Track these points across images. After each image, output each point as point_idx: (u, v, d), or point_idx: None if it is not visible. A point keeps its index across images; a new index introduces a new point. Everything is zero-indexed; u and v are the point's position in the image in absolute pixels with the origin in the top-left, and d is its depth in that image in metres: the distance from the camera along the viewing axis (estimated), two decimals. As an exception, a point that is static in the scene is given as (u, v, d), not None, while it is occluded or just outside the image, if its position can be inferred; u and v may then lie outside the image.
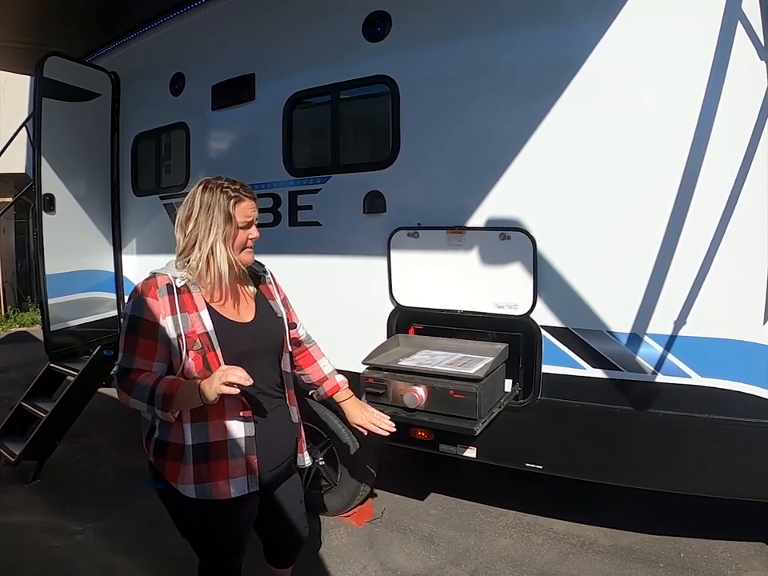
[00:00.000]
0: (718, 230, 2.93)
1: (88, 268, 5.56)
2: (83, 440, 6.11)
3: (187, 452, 2.27)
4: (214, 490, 2.29)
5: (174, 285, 2.28)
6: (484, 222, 3.48)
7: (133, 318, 2.25)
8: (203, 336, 2.27)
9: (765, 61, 2.82)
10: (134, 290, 2.32)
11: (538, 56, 3.31)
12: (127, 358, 2.23)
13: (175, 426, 2.28)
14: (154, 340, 2.24)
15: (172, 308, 2.25)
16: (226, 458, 2.31)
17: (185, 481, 2.28)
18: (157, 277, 2.31)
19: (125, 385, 2.21)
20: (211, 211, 2.30)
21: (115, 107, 5.70)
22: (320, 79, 4.04)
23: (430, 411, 3.21)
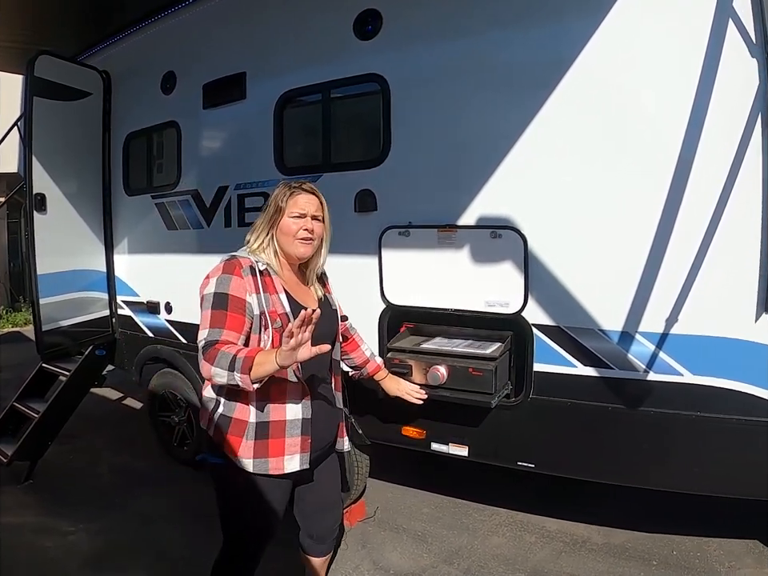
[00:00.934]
0: (710, 227, 2.93)
1: (79, 268, 5.53)
2: (76, 440, 6.09)
3: (250, 428, 2.47)
4: (270, 465, 2.49)
5: (257, 267, 2.51)
6: (475, 220, 3.47)
7: (220, 295, 2.42)
8: (282, 316, 2.49)
9: (756, 58, 2.81)
10: (215, 270, 2.51)
11: (529, 54, 3.30)
12: (215, 331, 2.37)
13: (240, 404, 2.49)
14: (242, 314, 2.42)
15: (256, 287, 2.47)
16: (284, 437, 2.51)
17: (244, 455, 2.47)
18: (239, 258, 2.52)
19: (209, 355, 2.30)
20: (270, 204, 2.63)
21: (106, 106, 5.67)
22: (311, 78, 4.03)
23: (451, 388, 3.42)
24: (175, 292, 5.13)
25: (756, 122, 2.84)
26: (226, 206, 4.55)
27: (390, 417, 3.41)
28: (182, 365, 5.12)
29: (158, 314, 5.28)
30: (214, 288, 2.43)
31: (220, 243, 4.51)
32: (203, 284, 2.51)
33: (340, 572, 3.83)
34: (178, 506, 4.74)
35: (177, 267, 5.07)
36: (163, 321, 5.24)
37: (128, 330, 5.72)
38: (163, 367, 5.51)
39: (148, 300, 5.37)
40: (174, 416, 5.48)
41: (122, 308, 5.72)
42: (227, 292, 2.41)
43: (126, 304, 5.66)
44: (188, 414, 5.34)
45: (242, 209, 4.44)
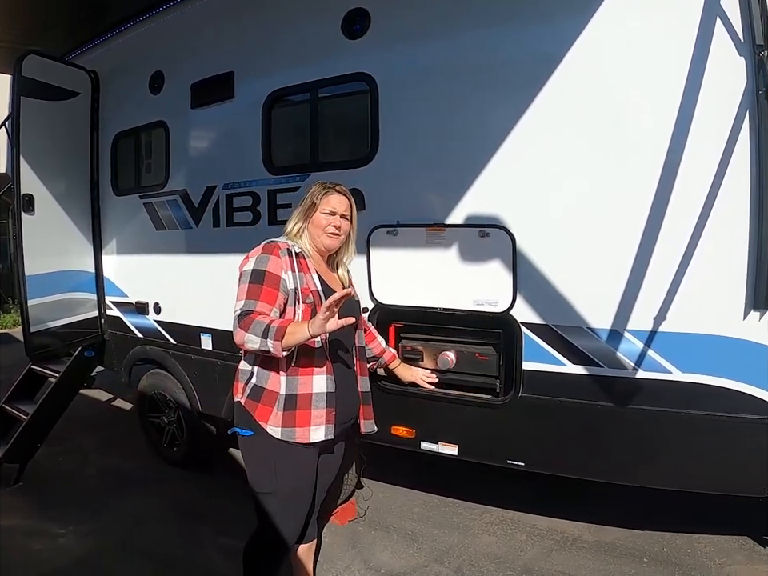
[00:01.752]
0: (698, 225, 2.94)
1: (68, 268, 5.50)
2: (66, 442, 6.07)
3: (280, 399, 2.71)
4: (297, 434, 2.72)
5: (293, 250, 2.80)
6: (463, 218, 3.46)
7: (257, 271, 2.68)
8: (315, 293, 2.77)
9: (744, 57, 2.82)
10: (255, 251, 2.78)
11: (518, 53, 3.30)
12: (251, 302, 2.62)
13: (272, 376, 2.74)
14: (276, 289, 2.67)
15: (292, 266, 2.74)
16: (310, 409, 2.74)
17: (274, 423, 2.71)
18: (278, 242, 2.81)
19: (244, 323, 2.55)
20: (304, 200, 2.95)
21: (95, 106, 5.64)
22: (299, 77, 4.01)
23: (459, 372, 3.64)
24: (164, 292, 5.12)
25: (744, 119, 2.84)
26: (215, 205, 4.53)
27: (379, 416, 3.39)
28: (171, 365, 5.09)
29: (146, 315, 5.25)
30: (253, 265, 2.69)
31: (208, 243, 4.53)
32: (243, 262, 2.76)
33: (330, 572, 3.83)
34: (169, 506, 4.73)
35: (165, 267, 5.06)
36: (152, 321, 5.21)
37: (117, 331, 5.68)
38: (152, 368, 5.49)
39: (137, 300, 5.34)
40: (164, 417, 5.46)
41: (111, 309, 5.69)
42: (264, 269, 2.67)
43: (115, 305, 5.63)
44: (177, 414, 5.32)
45: (230, 208, 4.42)
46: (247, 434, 2.78)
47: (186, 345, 4.91)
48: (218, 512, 4.50)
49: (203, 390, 4.85)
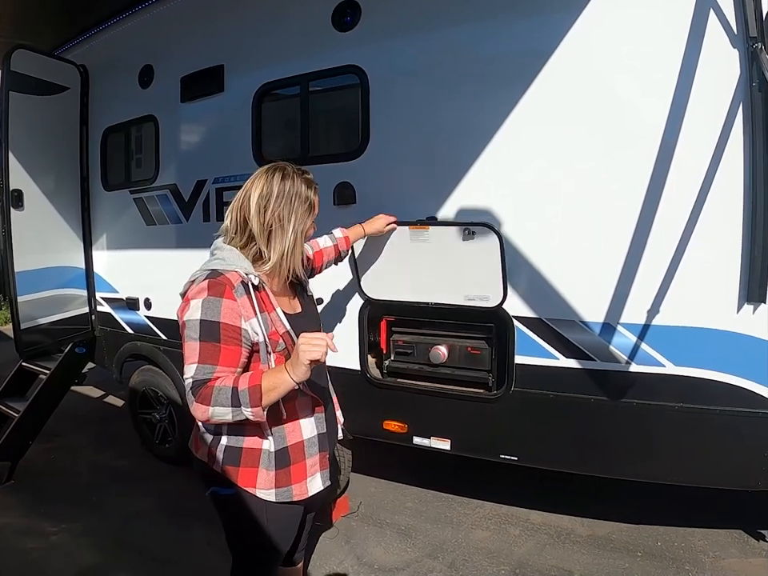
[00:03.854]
0: (691, 218, 2.93)
1: (58, 264, 5.47)
2: (57, 439, 6.05)
3: (268, 457, 2.23)
4: (294, 492, 2.29)
5: (250, 282, 2.14)
6: (454, 212, 3.45)
7: (208, 324, 2.02)
8: (285, 335, 2.21)
9: (737, 49, 2.81)
10: (197, 291, 2.07)
11: (510, 46, 3.28)
12: (206, 368, 2.02)
13: (248, 432, 2.22)
14: (238, 345, 2.08)
15: (252, 308, 2.12)
16: (305, 459, 2.31)
17: (264, 486, 2.24)
18: (226, 275, 2.11)
19: (202, 396, 1.99)
20: (293, 201, 2.21)
21: (84, 101, 5.60)
22: (289, 70, 3.99)
23: (451, 366, 3.63)
24: (154, 288, 5.09)
25: (737, 112, 2.84)
26: (205, 200, 4.51)
27: (371, 411, 3.39)
28: (162, 361, 5.07)
29: (137, 311, 5.23)
30: (200, 314, 2.02)
31: (199, 238, 4.48)
32: (183, 307, 2.10)
33: (324, 568, 3.81)
34: (162, 503, 4.71)
35: (156, 263, 5.04)
36: (142, 317, 5.20)
37: (108, 327, 5.66)
38: (143, 364, 5.48)
39: (127, 296, 5.32)
40: (155, 413, 5.44)
41: (102, 305, 5.67)
42: (218, 320, 2.03)
43: (106, 301, 5.61)
44: (169, 410, 5.31)
45: (220, 203, 4.39)
46: (230, 493, 2.28)
47: (176, 340, 4.78)
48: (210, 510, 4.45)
49: None
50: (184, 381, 2.06)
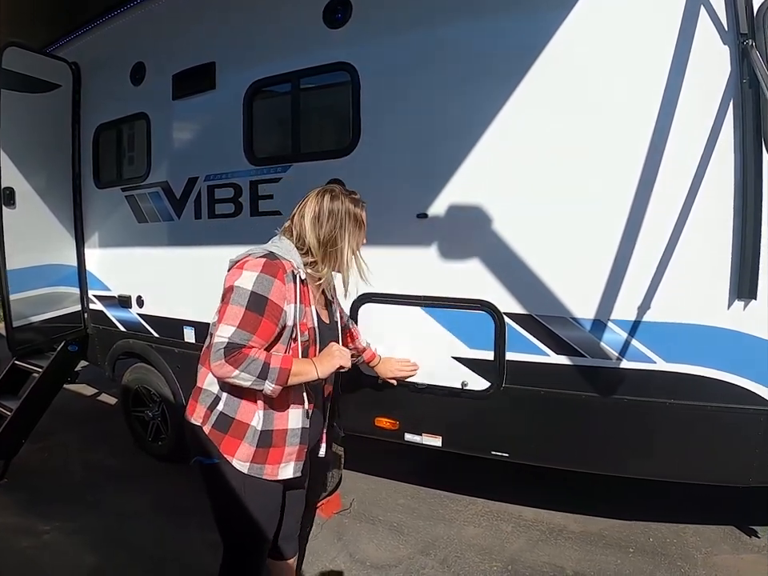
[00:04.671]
0: (682, 214, 2.93)
1: (50, 262, 5.45)
2: (50, 438, 6.02)
3: (252, 434, 2.40)
4: (265, 470, 2.44)
5: (299, 276, 2.39)
6: (445, 208, 3.43)
7: (258, 297, 2.25)
8: (311, 330, 2.47)
9: (728, 45, 2.81)
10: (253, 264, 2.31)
11: (499, 43, 3.28)
12: (243, 334, 2.22)
13: (244, 404, 2.40)
14: (275, 324, 2.31)
15: (294, 296, 2.36)
16: (284, 446, 2.47)
17: (242, 458, 2.40)
18: (282, 261, 2.36)
19: (234, 358, 2.19)
20: (345, 220, 2.46)
21: (76, 98, 5.57)
22: (280, 67, 3.97)
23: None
24: (146, 285, 5.09)
25: (728, 109, 2.83)
26: (196, 197, 4.49)
27: (363, 408, 3.39)
28: (155, 359, 5.07)
29: (129, 308, 5.22)
30: (252, 285, 2.25)
31: (191, 235, 4.51)
32: (235, 273, 2.32)
33: (316, 565, 3.81)
34: (154, 502, 4.70)
35: (148, 260, 5.03)
36: (135, 315, 5.19)
37: (100, 325, 5.65)
38: (136, 362, 5.47)
39: (119, 294, 5.31)
40: (148, 411, 5.44)
41: (94, 303, 5.65)
42: (267, 296, 2.26)
43: (98, 298, 5.60)
44: (162, 408, 5.30)
45: (212, 200, 4.38)
46: (211, 462, 2.44)
47: (169, 338, 4.89)
48: (204, 507, 4.38)
49: (187, 384, 4.72)
50: (215, 337, 2.21)
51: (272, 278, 2.28)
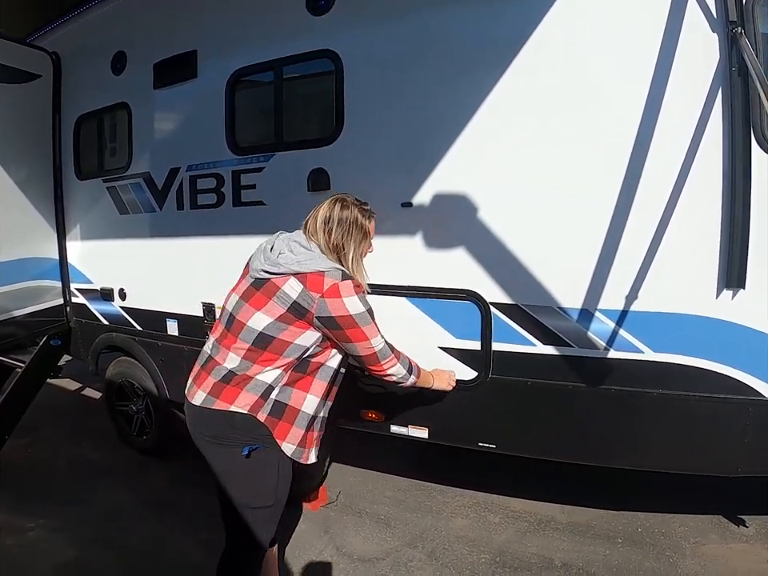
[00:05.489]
0: (670, 202, 2.90)
1: (31, 255, 5.36)
2: (35, 433, 5.98)
3: (303, 418, 2.66)
4: (303, 453, 2.72)
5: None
6: (429, 197, 3.40)
7: (371, 310, 2.63)
8: None
9: (717, 33, 2.78)
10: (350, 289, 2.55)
11: (485, 31, 3.23)
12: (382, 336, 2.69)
13: (296, 392, 2.64)
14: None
15: None
16: (316, 431, 2.82)
17: (292, 441, 2.65)
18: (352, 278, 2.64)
19: (396, 354, 2.75)
20: (352, 228, 2.70)
21: (57, 88, 5.48)
22: (263, 55, 3.91)
23: None
24: (129, 278, 5.03)
25: (716, 97, 2.80)
26: (178, 188, 4.43)
27: (348, 400, 3.34)
28: (138, 352, 5.03)
29: (111, 301, 5.17)
30: (363, 306, 2.58)
31: (173, 227, 4.47)
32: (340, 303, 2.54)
33: (303, 558, 3.80)
34: (140, 497, 4.68)
35: (130, 253, 4.96)
36: (117, 308, 5.13)
37: (83, 319, 5.59)
38: (119, 356, 5.43)
39: (102, 287, 5.25)
40: (132, 405, 5.41)
41: (76, 296, 5.59)
42: (371, 306, 2.64)
43: (80, 292, 5.54)
44: (146, 402, 5.27)
45: (194, 191, 4.32)
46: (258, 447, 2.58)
47: (152, 331, 4.84)
48: (189, 502, 4.46)
49: (171, 377, 4.78)
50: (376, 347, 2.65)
51: (363, 293, 2.64)
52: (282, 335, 2.54)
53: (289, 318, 2.53)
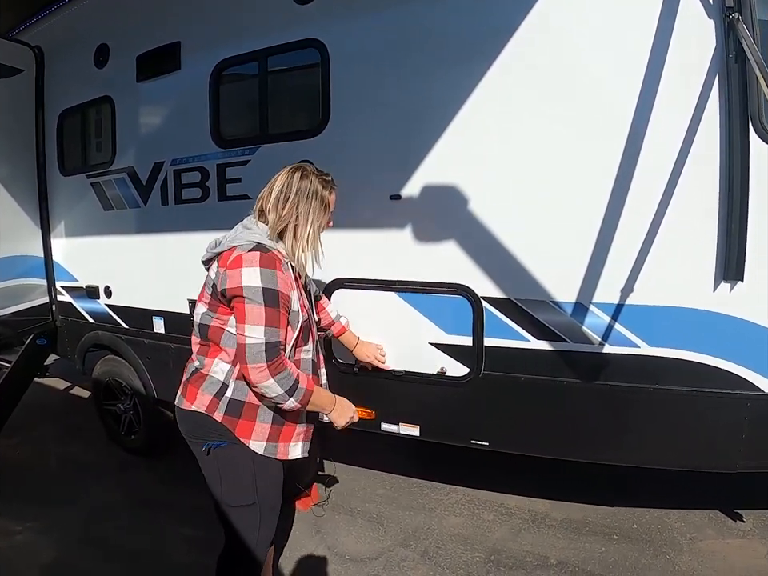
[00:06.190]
0: (666, 193, 2.85)
1: (15, 254, 5.30)
2: (23, 433, 5.93)
3: (269, 413, 2.53)
4: (278, 449, 2.57)
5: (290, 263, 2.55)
6: (418, 190, 3.34)
7: (271, 292, 2.34)
8: (307, 310, 2.62)
9: (713, 19, 2.72)
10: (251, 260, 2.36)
11: (475, 21, 3.16)
12: (273, 331, 2.35)
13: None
14: (287, 312, 2.44)
15: (291, 283, 2.48)
16: (296, 423, 2.64)
17: (259, 438, 2.52)
18: (273, 252, 2.46)
19: (274, 366, 2.34)
20: (310, 199, 2.53)
21: (39, 83, 5.42)
22: (247, 45, 3.84)
23: None
24: (114, 275, 4.97)
25: (713, 84, 2.75)
26: (163, 182, 4.37)
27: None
28: (125, 351, 4.97)
29: (97, 299, 5.11)
30: (261, 282, 2.34)
31: (157, 222, 4.42)
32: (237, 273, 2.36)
33: (294, 558, 3.76)
34: (129, 497, 4.64)
35: (114, 249, 4.90)
36: (103, 306, 5.07)
37: (69, 317, 5.54)
38: (106, 354, 5.38)
39: (87, 285, 5.19)
40: (120, 404, 5.35)
41: (62, 294, 5.54)
42: (278, 289, 2.36)
43: (66, 290, 5.49)
44: (134, 401, 5.22)
45: (178, 185, 4.26)
46: (222, 445, 2.51)
47: (138, 329, 4.78)
48: (179, 501, 4.43)
49: (158, 375, 4.75)
50: (248, 338, 2.33)
51: (274, 270, 2.37)
52: (213, 322, 2.50)
53: (213, 303, 2.48)
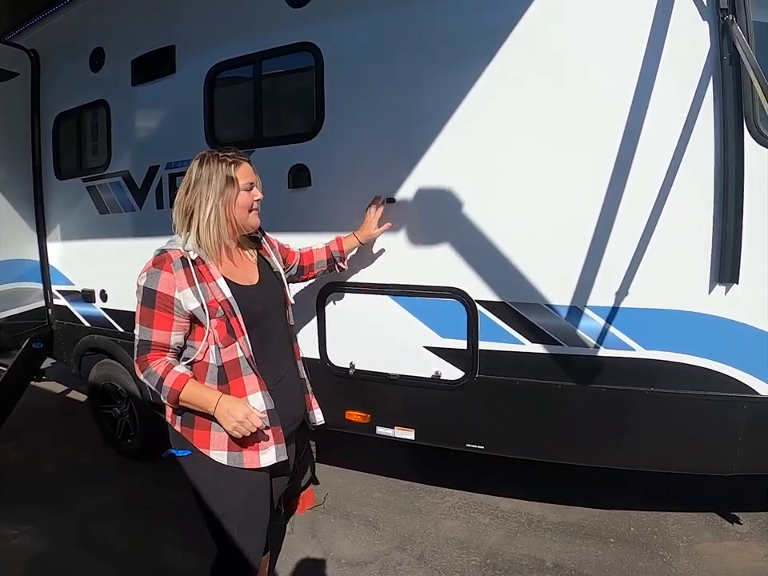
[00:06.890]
0: (660, 195, 2.85)
1: (11, 257, 5.33)
2: (19, 436, 5.95)
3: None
4: (245, 458, 2.43)
5: (189, 258, 2.37)
6: (413, 193, 3.34)
7: (148, 291, 2.32)
8: (224, 303, 2.39)
9: (707, 20, 2.72)
10: (149, 263, 2.37)
11: (470, 22, 3.15)
12: (144, 330, 2.35)
13: None
14: (170, 312, 2.33)
15: (189, 280, 2.34)
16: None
17: (217, 447, 2.41)
18: (169, 252, 2.38)
19: (140, 362, 2.36)
20: (211, 181, 2.40)
21: (35, 87, 5.43)
22: (242, 49, 3.84)
23: None
24: (110, 279, 4.98)
25: (707, 86, 2.74)
26: (158, 186, 4.37)
27: (333, 401, 3.29)
28: (121, 354, 4.98)
29: (93, 303, 5.11)
30: (144, 282, 2.34)
31: (153, 226, 4.39)
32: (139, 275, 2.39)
33: (290, 563, 3.75)
34: (126, 501, 4.63)
35: (110, 253, 4.91)
36: (99, 309, 5.08)
37: (65, 321, 5.55)
38: (102, 358, 5.37)
39: (83, 288, 5.21)
40: (116, 408, 5.35)
41: (58, 298, 5.55)
42: (155, 288, 2.31)
43: (62, 293, 5.49)
44: (130, 405, 5.22)
45: (173, 189, 4.23)
46: (185, 454, 2.47)
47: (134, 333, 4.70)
48: (175, 505, 4.40)
49: None
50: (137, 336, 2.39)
51: (159, 270, 2.33)
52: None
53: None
